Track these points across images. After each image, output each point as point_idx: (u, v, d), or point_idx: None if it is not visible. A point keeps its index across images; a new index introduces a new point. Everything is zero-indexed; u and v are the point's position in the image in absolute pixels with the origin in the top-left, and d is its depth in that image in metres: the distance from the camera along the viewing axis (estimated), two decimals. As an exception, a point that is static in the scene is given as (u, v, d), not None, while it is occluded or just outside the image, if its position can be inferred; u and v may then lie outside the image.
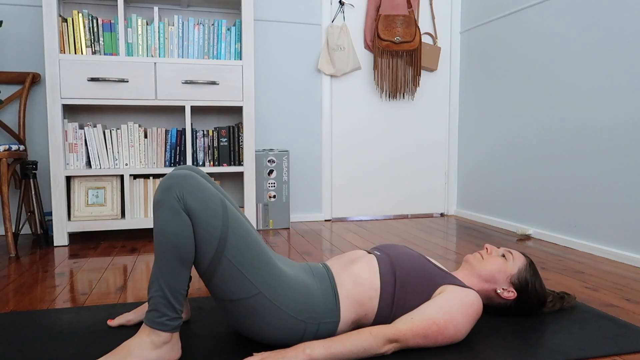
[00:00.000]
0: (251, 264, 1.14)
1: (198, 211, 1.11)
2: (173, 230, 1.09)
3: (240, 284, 1.14)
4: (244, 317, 1.17)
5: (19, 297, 1.67)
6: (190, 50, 2.64)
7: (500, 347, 1.25)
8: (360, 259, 1.31)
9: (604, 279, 1.94)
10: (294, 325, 1.17)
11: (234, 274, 1.13)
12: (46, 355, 1.19)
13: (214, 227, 1.12)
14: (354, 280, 1.25)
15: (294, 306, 1.17)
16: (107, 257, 2.25)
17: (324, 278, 1.27)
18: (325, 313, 1.20)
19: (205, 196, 1.12)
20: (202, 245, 1.12)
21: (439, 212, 3.65)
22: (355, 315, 1.24)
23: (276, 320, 1.16)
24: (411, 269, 1.28)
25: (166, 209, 1.10)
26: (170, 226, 1.09)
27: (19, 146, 2.42)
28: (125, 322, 1.38)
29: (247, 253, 1.14)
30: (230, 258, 1.13)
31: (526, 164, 2.86)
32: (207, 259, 1.13)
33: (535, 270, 1.40)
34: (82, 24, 2.49)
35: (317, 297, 1.21)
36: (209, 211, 1.11)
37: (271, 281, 1.16)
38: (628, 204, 2.20)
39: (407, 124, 3.51)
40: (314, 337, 1.20)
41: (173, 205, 1.09)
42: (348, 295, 1.23)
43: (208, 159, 2.74)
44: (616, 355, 1.22)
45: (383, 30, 3.25)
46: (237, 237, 1.14)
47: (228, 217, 1.14)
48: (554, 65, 2.63)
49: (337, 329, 1.22)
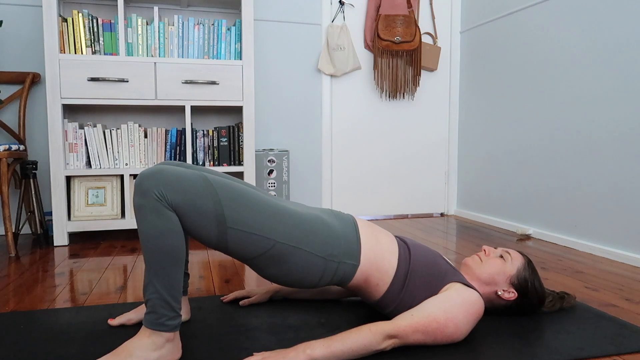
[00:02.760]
0: (257, 221, 1.15)
1: (183, 201, 1.09)
2: (161, 232, 1.08)
3: (255, 243, 1.15)
4: (271, 267, 1.19)
5: (19, 297, 1.67)
6: (190, 50, 2.64)
7: (500, 346, 1.25)
8: (384, 234, 1.35)
9: (604, 278, 1.94)
10: (314, 263, 1.20)
11: (244, 237, 1.14)
12: (47, 355, 1.19)
13: (206, 207, 1.11)
14: (377, 243, 1.29)
15: (312, 244, 1.20)
16: (107, 257, 2.25)
17: (348, 223, 1.30)
18: (346, 253, 1.24)
19: (182, 182, 1.10)
20: (202, 229, 1.12)
21: (439, 212, 3.65)
22: (370, 275, 1.27)
23: (299, 262, 1.19)
24: (425, 260, 1.31)
25: (148, 211, 1.07)
26: (156, 228, 1.08)
27: (19, 146, 2.42)
28: (126, 321, 1.38)
29: (248, 214, 1.14)
30: (234, 227, 1.13)
31: (526, 163, 2.86)
32: (213, 237, 1.13)
33: (533, 269, 1.40)
34: (82, 23, 2.49)
35: (338, 236, 1.24)
36: (194, 196, 1.10)
37: (284, 227, 1.17)
38: (628, 204, 2.20)
39: (407, 124, 3.51)
40: (332, 277, 1.24)
41: (155, 206, 1.07)
42: (369, 250, 1.27)
43: (208, 158, 2.75)
44: (616, 355, 1.22)
45: (383, 30, 3.25)
46: (231, 204, 1.13)
47: (215, 191, 1.12)
48: (554, 65, 2.63)
49: (355, 273, 1.25)
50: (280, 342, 1.28)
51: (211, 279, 1.91)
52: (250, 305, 1.57)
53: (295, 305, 1.58)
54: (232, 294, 1.62)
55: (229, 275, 1.96)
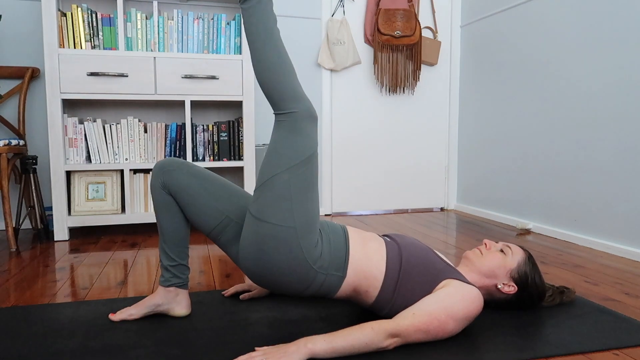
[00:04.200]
0: (304, 197, 1.21)
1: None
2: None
3: (284, 210, 1.19)
4: (266, 245, 1.20)
5: (20, 291, 1.67)
6: (189, 45, 2.63)
7: (500, 340, 1.25)
8: (372, 240, 1.35)
9: (603, 273, 1.95)
10: (305, 271, 1.22)
11: (285, 196, 1.19)
12: (48, 349, 1.19)
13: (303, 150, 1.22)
14: (365, 252, 1.29)
15: (312, 253, 1.22)
16: (108, 252, 2.25)
17: (338, 233, 1.31)
18: (333, 265, 1.25)
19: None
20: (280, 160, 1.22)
21: (439, 207, 3.65)
22: (358, 284, 1.28)
23: (293, 261, 1.20)
24: (417, 260, 1.29)
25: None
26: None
27: (18, 141, 2.42)
28: (127, 316, 1.38)
29: (307, 187, 1.21)
30: (295, 179, 1.19)
31: (526, 158, 2.86)
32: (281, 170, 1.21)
33: (534, 264, 1.41)
34: (82, 18, 2.48)
35: (329, 248, 1.26)
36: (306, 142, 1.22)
37: (308, 224, 1.21)
38: (628, 199, 2.20)
39: (407, 119, 3.51)
40: (318, 288, 1.26)
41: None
42: (357, 260, 1.27)
43: (208, 153, 2.74)
44: (615, 349, 1.22)
45: (383, 25, 3.23)
46: (307, 171, 1.22)
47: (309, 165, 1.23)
48: (554, 59, 2.63)
49: (341, 285, 1.27)
50: (281, 336, 1.28)
51: (211, 273, 1.91)
52: (250, 300, 1.57)
53: (295, 299, 1.58)
54: (232, 288, 1.62)
55: (230, 270, 1.96)
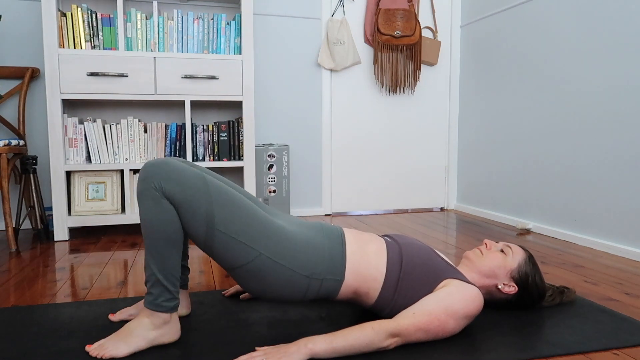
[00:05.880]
0: (244, 230, 1.17)
1: (178, 194, 1.14)
2: (157, 217, 1.14)
3: (239, 251, 1.17)
4: (253, 281, 1.20)
5: (20, 292, 1.67)
6: (189, 45, 2.63)
7: (500, 340, 1.25)
8: (372, 241, 1.34)
9: (603, 273, 1.95)
10: (297, 281, 1.21)
11: (230, 243, 1.17)
12: (48, 349, 1.19)
13: (198, 205, 1.15)
14: (363, 255, 1.28)
15: (296, 261, 1.20)
16: (108, 252, 2.25)
17: (334, 237, 1.30)
18: (330, 269, 1.24)
19: (181, 178, 1.15)
20: (192, 226, 1.16)
21: (439, 207, 3.65)
22: (358, 286, 1.27)
23: (281, 278, 1.20)
24: (418, 260, 1.29)
25: (147, 198, 1.15)
26: (153, 214, 1.15)
27: (18, 141, 2.42)
28: (127, 316, 1.38)
29: (237, 221, 1.17)
30: (222, 230, 1.16)
31: (526, 158, 2.86)
32: (201, 236, 1.17)
33: (534, 264, 1.41)
34: (81, 18, 2.48)
35: (322, 253, 1.24)
36: (189, 191, 1.15)
37: (268, 241, 1.19)
38: (628, 198, 2.20)
39: (408, 119, 3.51)
40: (316, 293, 1.24)
41: (153, 194, 1.14)
42: (355, 263, 1.26)
43: (208, 153, 2.74)
44: (615, 349, 1.22)
45: (383, 25, 3.23)
46: (224, 208, 1.17)
47: (210, 192, 1.17)
48: (554, 59, 2.63)
49: (339, 289, 1.26)
50: (281, 336, 1.28)
51: (212, 273, 1.91)
52: (250, 300, 1.57)
53: (296, 299, 1.58)
54: (232, 288, 1.62)
55: (230, 270, 1.96)
